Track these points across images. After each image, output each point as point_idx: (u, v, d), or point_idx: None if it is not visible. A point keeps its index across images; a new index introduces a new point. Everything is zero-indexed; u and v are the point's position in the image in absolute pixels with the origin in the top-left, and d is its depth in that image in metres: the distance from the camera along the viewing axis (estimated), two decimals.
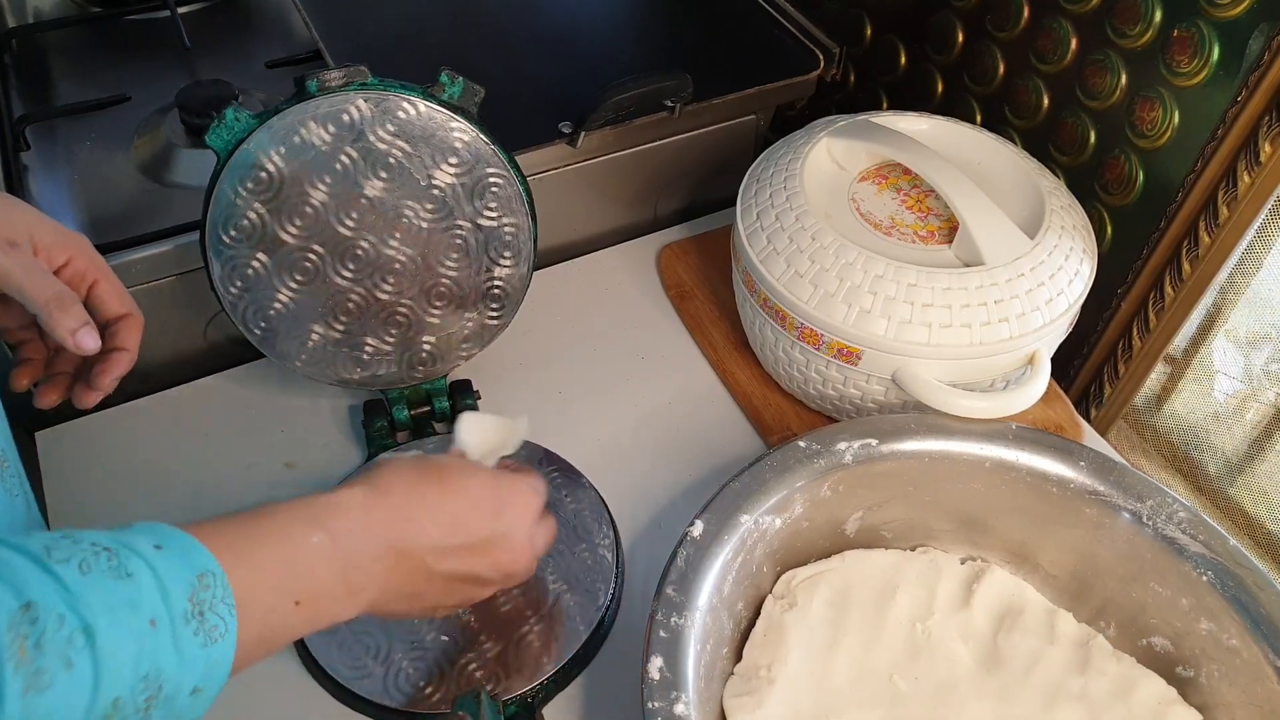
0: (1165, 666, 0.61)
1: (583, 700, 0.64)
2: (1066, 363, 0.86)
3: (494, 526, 0.54)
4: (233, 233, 0.64)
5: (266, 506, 0.47)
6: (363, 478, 0.52)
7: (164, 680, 0.38)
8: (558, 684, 0.63)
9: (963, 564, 0.67)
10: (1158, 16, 0.70)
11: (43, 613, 0.34)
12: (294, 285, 0.67)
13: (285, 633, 0.46)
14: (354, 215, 0.66)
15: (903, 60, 0.96)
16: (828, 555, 0.67)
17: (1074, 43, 0.78)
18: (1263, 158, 0.67)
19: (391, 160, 0.65)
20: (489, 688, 0.61)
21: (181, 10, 0.98)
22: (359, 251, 0.67)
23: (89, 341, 0.54)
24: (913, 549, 0.68)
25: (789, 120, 0.99)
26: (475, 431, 0.61)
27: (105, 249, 0.72)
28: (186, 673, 0.39)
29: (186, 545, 0.41)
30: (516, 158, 0.81)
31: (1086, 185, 0.80)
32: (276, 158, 0.63)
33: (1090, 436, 0.80)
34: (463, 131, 0.66)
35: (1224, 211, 0.70)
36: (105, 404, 0.77)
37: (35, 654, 0.34)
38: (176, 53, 0.94)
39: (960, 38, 0.88)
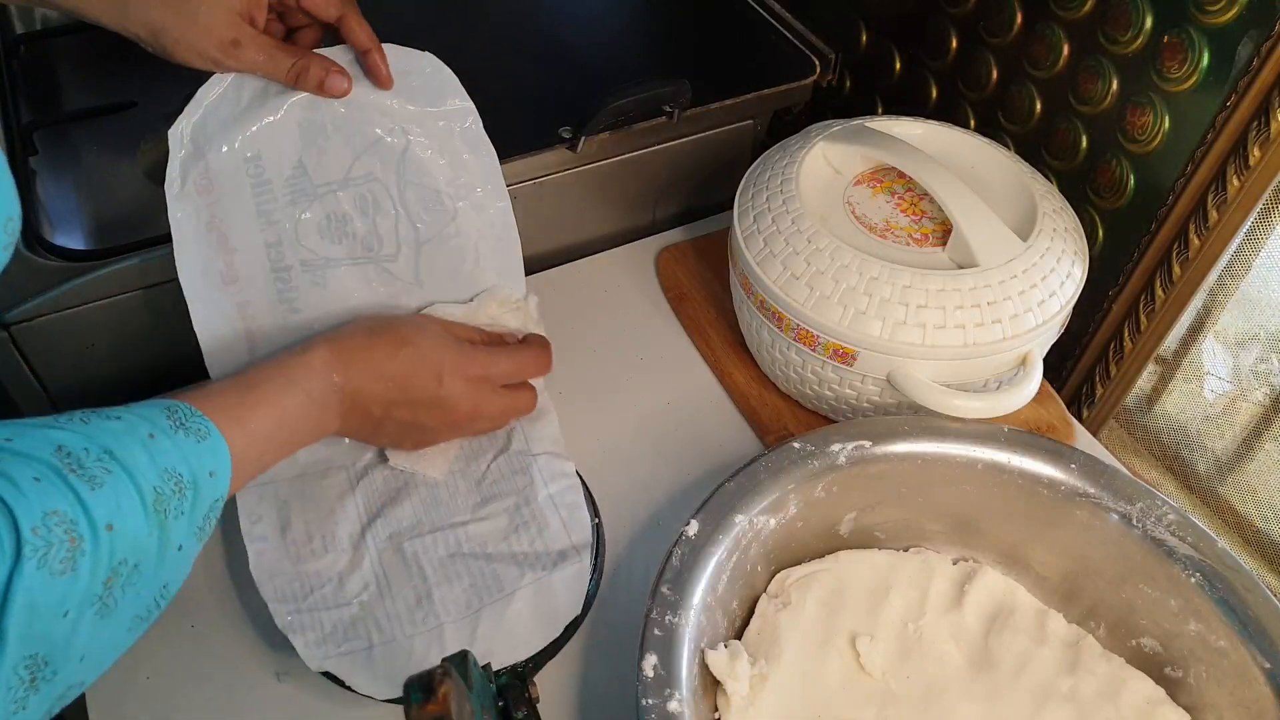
0: (1154, 667, 0.61)
1: (577, 684, 0.63)
2: (1059, 364, 0.85)
3: (435, 390, 0.63)
4: None
5: (250, 373, 0.57)
6: (329, 335, 0.62)
7: (181, 471, 0.48)
8: (548, 653, 0.63)
9: (955, 565, 0.67)
10: (1148, 23, 0.70)
11: (74, 449, 0.44)
12: None
13: (273, 459, 0.57)
14: None
15: (898, 66, 0.95)
16: (821, 555, 0.66)
17: (1066, 49, 0.77)
18: (1251, 162, 0.66)
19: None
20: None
21: None
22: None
23: (336, 88, 0.65)
24: (905, 550, 0.67)
25: (786, 125, 0.98)
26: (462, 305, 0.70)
27: (112, 253, 0.72)
28: (195, 462, 0.49)
29: (174, 406, 0.51)
30: (518, 161, 0.81)
31: (1078, 189, 0.79)
32: None
33: (1082, 436, 0.80)
34: None
35: (1213, 215, 0.69)
36: None
37: (80, 469, 0.44)
38: None
39: (954, 44, 0.87)
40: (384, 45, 0.67)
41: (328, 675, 0.61)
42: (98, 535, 0.43)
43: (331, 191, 0.69)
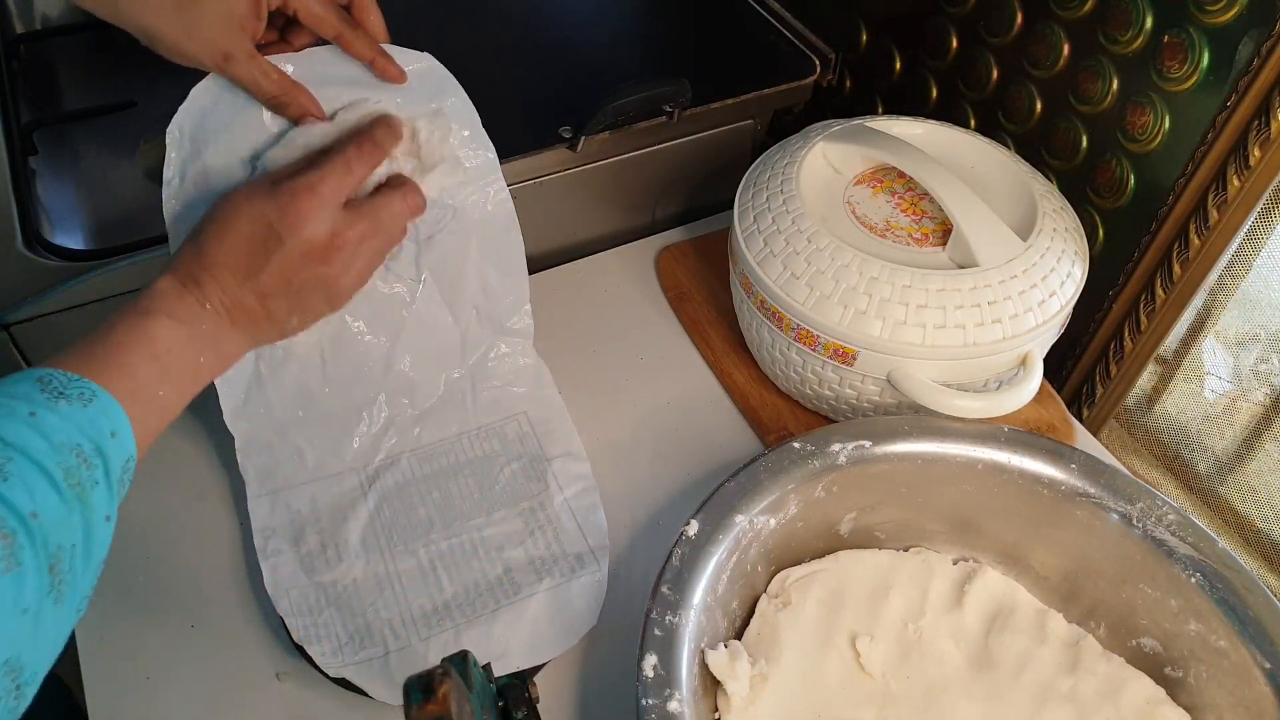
0: (1154, 667, 0.61)
1: (577, 684, 0.63)
2: (1059, 363, 0.85)
3: (267, 232, 0.57)
4: None
5: (101, 326, 0.52)
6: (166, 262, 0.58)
7: (80, 442, 0.45)
8: None
9: (955, 565, 0.67)
10: (1149, 23, 0.70)
11: None
12: None
13: (174, 394, 0.53)
14: None
15: (898, 66, 0.95)
16: (822, 555, 0.66)
17: (1066, 49, 0.77)
18: (1252, 162, 0.66)
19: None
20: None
21: None
22: None
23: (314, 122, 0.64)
24: (905, 549, 0.67)
25: (786, 125, 0.98)
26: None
27: (112, 253, 0.72)
28: (91, 428, 0.46)
29: (45, 375, 0.48)
30: (517, 161, 0.81)
31: (1078, 189, 0.79)
32: None
33: (1082, 436, 0.80)
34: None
35: (1214, 215, 0.69)
36: None
37: None
38: None
39: (955, 44, 0.87)
40: (385, 47, 0.67)
41: (341, 681, 0.61)
42: (27, 525, 0.41)
43: None
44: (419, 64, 0.68)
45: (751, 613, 0.63)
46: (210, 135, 0.65)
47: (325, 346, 0.70)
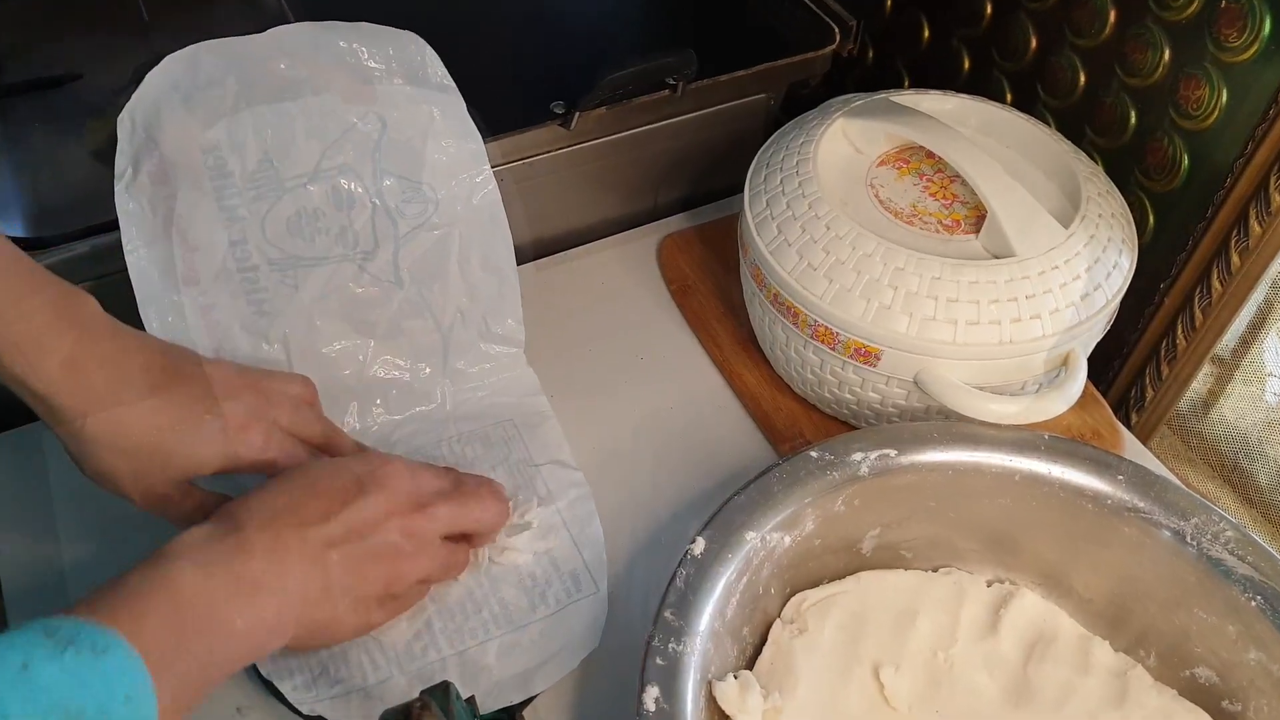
0: (1210, 700, 0.60)
1: (571, 718, 0.64)
2: (1104, 364, 0.85)
3: (357, 496, 0.57)
4: None
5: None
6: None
7: (84, 703, 0.41)
8: None
9: (989, 586, 0.67)
10: None
11: None
12: None
13: (203, 649, 0.48)
14: None
15: (926, 34, 0.95)
16: (841, 576, 0.66)
17: (1113, 15, 0.77)
18: None
19: None
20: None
21: None
22: None
23: None
24: (935, 570, 0.67)
25: (802, 100, 0.98)
26: None
27: (57, 241, 0.72)
28: (100, 686, 0.42)
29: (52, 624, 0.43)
30: (506, 140, 0.81)
31: (1126, 170, 0.79)
32: None
33: (1130, 445, 0.80)
34: None
35: (1276, 198, 0.69)
36: None
37: None
38: (134, 27, 0.94)
39: (989, 10, 0.87)
40: (361, 25, 0.67)
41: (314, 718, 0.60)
42: None
43: (301, 185, 0.68)
44: (402, 43, 0.68)
45: (764, 640, 0.63)
46: (166, 123, 0.65)
47: (293, 354, 0.70)
